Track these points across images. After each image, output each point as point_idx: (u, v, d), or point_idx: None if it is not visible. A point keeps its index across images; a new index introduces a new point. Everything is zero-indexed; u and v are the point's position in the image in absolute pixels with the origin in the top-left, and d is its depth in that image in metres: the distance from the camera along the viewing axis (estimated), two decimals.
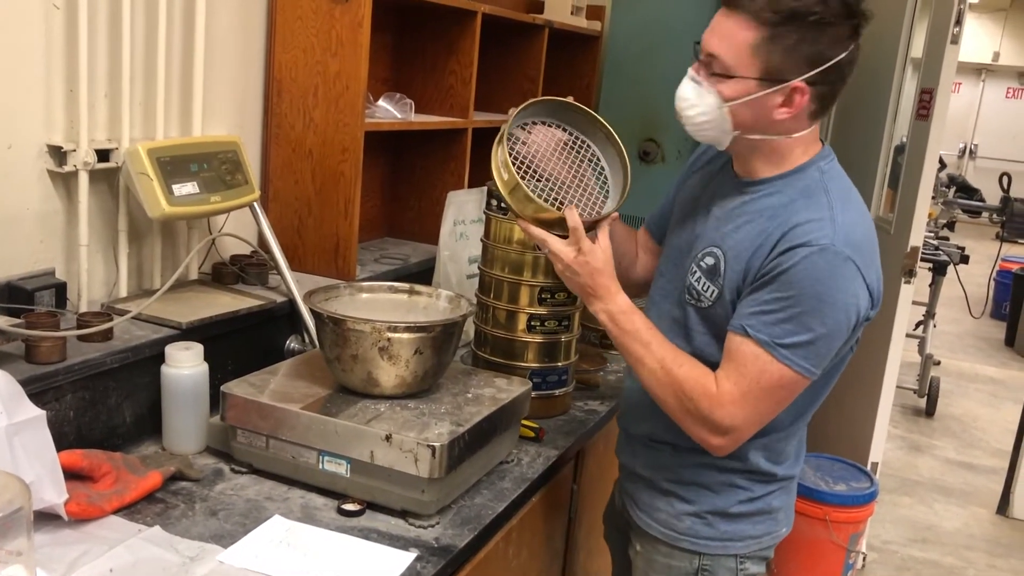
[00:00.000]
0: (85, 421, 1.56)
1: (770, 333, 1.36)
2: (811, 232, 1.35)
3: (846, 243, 1.35)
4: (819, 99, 1.40)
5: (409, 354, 1.56)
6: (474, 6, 2.49)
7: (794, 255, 1.35)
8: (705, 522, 1.58)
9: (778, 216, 1.40)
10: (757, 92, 1.38)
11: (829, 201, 1.40)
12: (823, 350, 1.37)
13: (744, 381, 1.39)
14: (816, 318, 1.34)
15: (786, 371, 1.37)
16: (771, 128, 1.42)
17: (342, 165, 2.13)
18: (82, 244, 1.72)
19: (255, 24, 2.12)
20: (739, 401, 1.39)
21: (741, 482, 1.56)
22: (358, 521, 1.48)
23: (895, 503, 4.13)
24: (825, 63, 1.35)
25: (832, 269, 1.34)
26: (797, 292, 1.34)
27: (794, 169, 1.45)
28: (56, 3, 1.64)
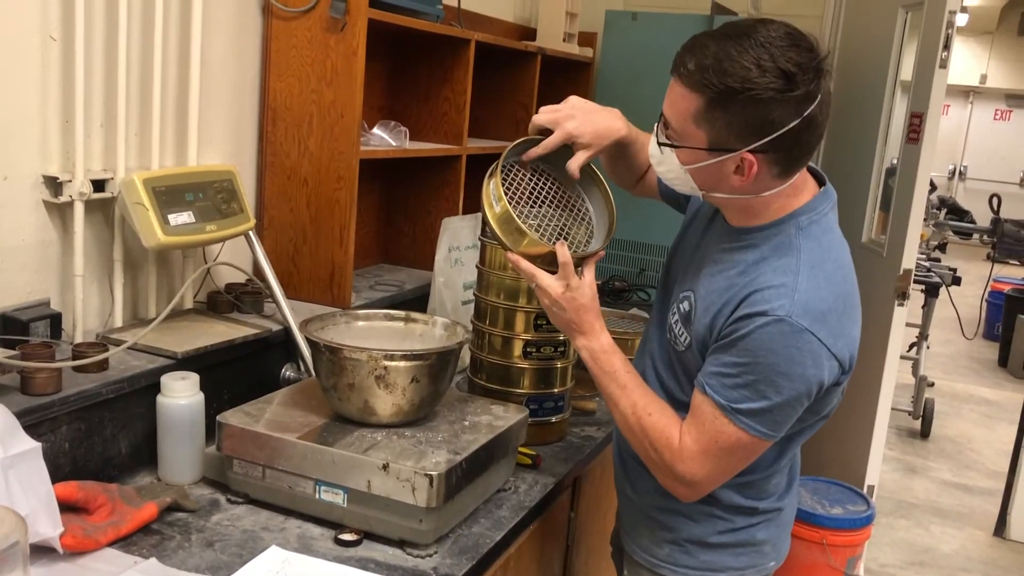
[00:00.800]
0: (81, 452, 1.55)
1: (727, 397, 1.35)
2: (769, 300, 1.31)
3: (804, 314, 1.30)
4: (777, 163, 1.34)
5: (406, 382, 1.56)
6: (468, 34, 2.51)
7: (751, 323, 1.32)
8: (684, 550, 1.57)
9: (747, 273, 1.38)
10: (707, 160, 1.35)
11: (797, 264, 1.35)
12: (780, 417, 1.35)
13: (703, 439, 1.39)
14: (771, 388, 1.32)
15: (743, 435, 1.36)
16: (736, 191, 1.38)
17: (337, 193, 2.14)
18: (77, 274, 1.72)
19: (250, 53, 2.13)
20: (699, 458, 1.40)
21: (720, 513, 1.54)
22: (355, 551, 1.47)
23: (892, 526, 4.13)
24: (773, 132, 1.29)
25: (786, 340, 1.30)
26: (751, 360, 1.33)
27: (771, 223, 1.40)
28: (53, 34, 1.65)
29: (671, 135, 1.38)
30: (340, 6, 2.04)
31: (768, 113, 1.27)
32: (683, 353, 1.48)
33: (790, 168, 1.36)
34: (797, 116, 1.28)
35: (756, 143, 1.30)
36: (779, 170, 1.35)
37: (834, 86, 3.97)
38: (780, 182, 1.37)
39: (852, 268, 1.45)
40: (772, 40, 1.27)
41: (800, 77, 1.26)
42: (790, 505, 1.64)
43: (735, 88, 1.26)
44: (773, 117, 1.28)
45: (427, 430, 1.61)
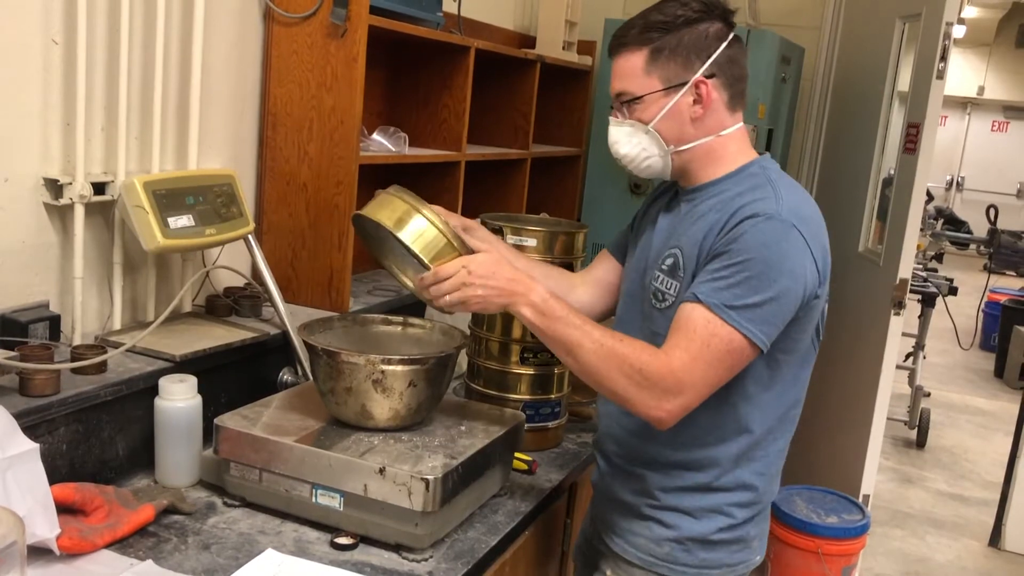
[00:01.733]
0: (78, 454, 1.56)
1: (720, 297, 1.39)
2: (757, 206, 1.42)
3: (792, 214, 1.42)
4: (726, 87, 1.51)
5: (403, 387, 1.57)
6: (467, 42, 2.52)
7: (742, 227, 1.41)
8: (684, 548, 1.57)
9: (726, 207, 1.46)
10: (668, 103, 1.49)
11: (774, 187, 1.47)
12: (772, 316, 1.40)
13: (694, 345, 1.39)
14: (764, 281, 1.38)
15: (735, 335, 1.39)
16: (698, 131, 1.51)
17: (336, 198, 2.14)
18: (77, 277, 1.72)
19: (251, 59, 2.14)
20: (689, 364, 1.39)
21: (724, 507, 1.56)
22: (351, 555, 1.47)
23: (887, 535, 4.13)
24: (712, 54, 1.48)
25: (778, 235, 1.39)
26: (745, 257, 1.39)
27: (736, 169, 1.52)
28: (55, 38, 1.66)
29: (628, 100, 1.51)
30: (341, 12, 2.05)
31: (703, 33, 1.48)
32: (668, 308, 1.50)
33: (735, 97, 1.53)
34: (724, 40, 1.49)
35: (703, 66, 1.48)
36: (728, 97, 1.52)
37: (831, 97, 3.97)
38: (730, 115, 1.53)
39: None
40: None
41: (717, 5, 1.50)
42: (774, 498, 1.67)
43: (668, 22, 1.47)
44: (708, 37, 1.48)
45: (424, 435, 1.61)
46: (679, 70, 1.48)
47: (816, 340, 1.55)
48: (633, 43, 1.50)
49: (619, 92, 1.53)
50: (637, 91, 1.50)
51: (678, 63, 1.48)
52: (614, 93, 1.54)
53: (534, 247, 1.89)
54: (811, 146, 3.94)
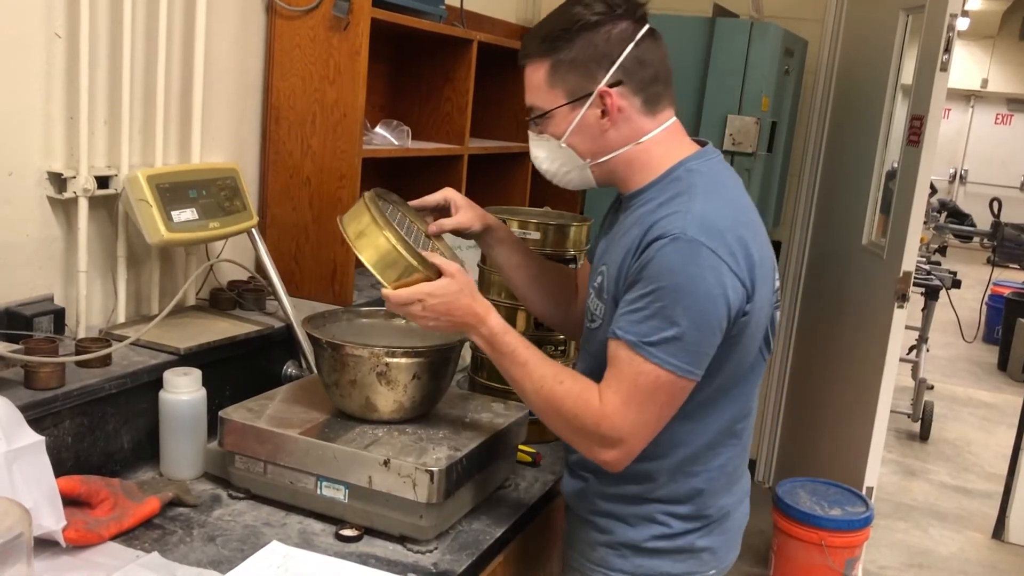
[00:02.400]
0: (83, 447, 1.56)
1: (637, 332, 1.32)
2: (665, 225, 1.32)
3: (699, 230, 1.30)
4: (637, 92, 1.40)
5: (407, 379, 1.57)
6: (470, 35, 2.52)
7: (650, 251, 1.32)
8: (619, 553, 1.51)
9: (643, 222, 1.37)
10: (575, 117, 1.41)
11: (691, 196, 1.36)
12: (693, 346, 1.31)
13: (623, 387, 1.33)
14: (678, 310, 1.29)
15: (660, 371, 1.31)
16: (612, 142, 1.43)
17: (340, 191, 2.15)
18: (81, 270, 1.73)
19: (253, 52, 2.14)
20: (622, 410, 1.34)
21: (659, 516, 1.49)
22: (356, 546, 1.48)
23: (890, 528, 4.13)
24: (615, 61, 1.38)
25: (684, 257, 1.30)
26: (656, 286, 1.30)
27: (662, 174, 1.43)
28: (58, 32, 1.66)
29: (538, 116, 1.45)
30: (343, 5, 2.05)
31: (603, 39, 1.38)
32: (597, 329, 1.45)
33: (652, 100, 1.42)
34: (632, 36, 1.39)
35: (606, 74, 1.38)
36: (641, 101, 1.41)
37: (835, 89, 3.98)
38: (649, 119, 1.43)
39: (748, 201, 1.45)
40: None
41: (619, 3, 1.39)
42: (738, 511, 1.57)
43: (567, 28, 1.38)
44: (610, 41, 1.38)
45: (428, 427, 1.62)
46: (581, 81, 1.39)
47: (764, 351, 1.46)
48: (534, 55, 1.42)
49: (529, 107, 1.47)
50: (544, 106, 1.43)
51: (579, 74, 1.39)
52: (527, 109, 1.47)
53: (537, 240, 1.89)
54: (814, 138, 3.94)
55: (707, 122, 3.27)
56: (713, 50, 3.24)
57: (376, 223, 1.47)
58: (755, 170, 3.25)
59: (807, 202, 3.98)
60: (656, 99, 1.43)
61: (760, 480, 4.19)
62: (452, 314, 1.45)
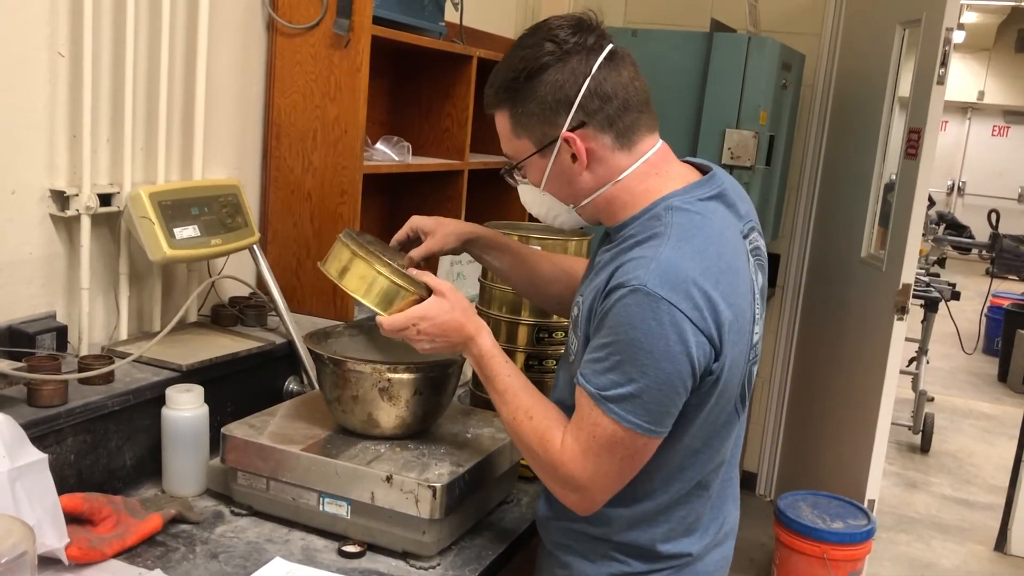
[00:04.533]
0: (86, 464, 1.56)
1: (597, 384, 1.25)
2: (628, 272, 1.24)
3: (662, 283, 1.21)
4: (605, 129, 1.32)
5: (409, 395, 1.57)
6: (469, 51, 2.53)
7: (611, 297, 1.24)
8: None
9: (615, 262, 1.30)
10: (546, 164, 1.35)
11: (664, 238, 1.26)
12: (653, 405, 1.23)
13: (582, 436, 1.28)
14: (636, 367, 1.22)
15: (617, 428, 1.24)
16: (589, 184, 1.36)
17: (341, 207, 2.15)
18: (83, 287, 1.73)
19: (254, 69, 2.15)
20: (579, 458, 1.29)
21: (616, 554, 1.42)
22: (359, 563, 1.48)
23: (892, 541, 4.13)
24: (572, 102, 1.29)
25: (643, 312, 1.21)
26: (614, 339, 1.23)
27: (642, 210, 1.34)
28: (61, 51, 1.67)
29: (515, 164, 1.40)
30: (344, 23, 2.06)
31: (557, 82, 1.29)
32: (572, 363, 1.39)
33: (624, 133, 1.33)
34: (584, 76, 1.29)
35: (567, 118, 1.30)
36: (611, 138, 1.32)
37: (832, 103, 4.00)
38: (625, 154, 1.34)
39: (732, 247, 1.32)
40: (537, 30, 1.33)
41: (566, 36, 1.30)
42: (714, 552, 1.48)
43: (516, 76, 1.30)
44: (563, 83, 1.29)
45: (430, 442, 1.62)
46: (544, 129, 1.32)
47: (739, 408, 1.39)
48: (493, 105, 1.37)
49: (505, 156, 1.42)
50: (515, 156, 1.38)
51: (539, 121, 1.32)
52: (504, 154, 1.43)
53: None
54: (812, 152, 3.95)
55: (705, 136, 3.29)
56: (711, 65, 3.26)
57: (357, 255, 1.47)
58: (754, 184, 3.26)
59: (806, 215, 4.00)
60: (630, 130, 1.33)
61: (761, 493, 4.18)
62: (447, 335, 1.42)
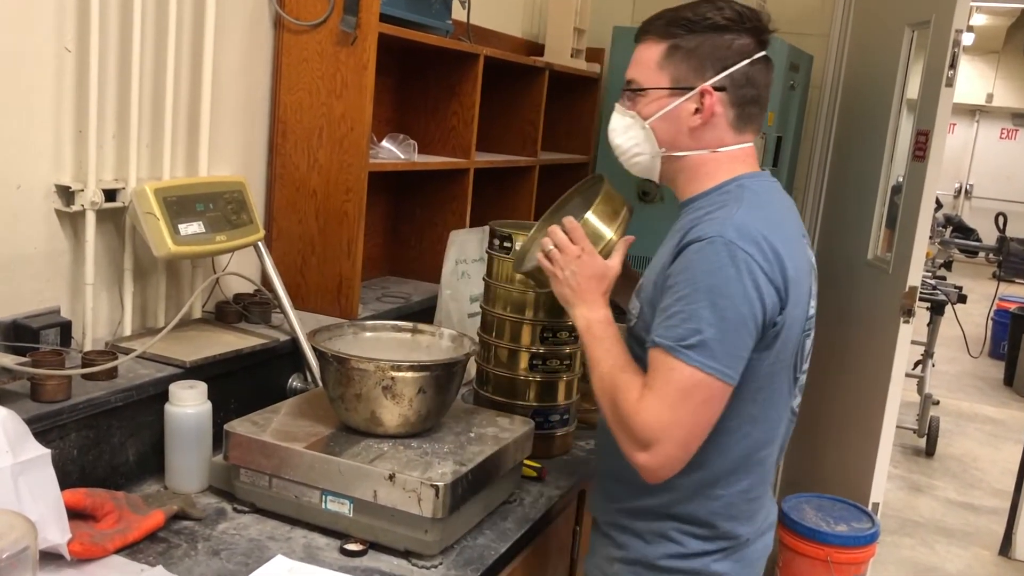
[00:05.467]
0: (89, 460, 1.56)
1: (672, 336, 1.32)
2: (702, 229, 1.35)
3: (737, 234, 1.32)
4: (734, 105, 1.43)
5: (412, 393, 1.57)
6: (476, 49, 2.53)
7: (686, 255, 1.34)
8: (632, 570, 1.50)
9: (686, 228, 1.40)
10: (669, 104, 1.44)
11: (736, 205, 1.38)
12: (727, 348, 1.31)
13: (658, 387, 1.33)
14: (713, 311, 1.30)
15: (696, 373, 1.31)
16: (692, 141, 1.45)
17: (346, 205, 2.15)
18: (88, 283, 1.73)
19: (261, 67, 2.15)
20: (656, 409, 1.33)
21: (674, 534, 1.47)
22: (361, 561, 1.47)
23: (896, 544, 4.11)
24: (729, 67, 1.41)
25: (719, 258, 1.31)
26: (691, 289, 1.32)
27: (716, 186, 1.45)
28: (68, 46, 1.67)
29: (634, 89, 1.47)
30: (351, 20, 2.06)
31: (725, 44, 1.41)
32: (632, 327, 1.49)
33: (743, 119, 1.45)
34: (747, 57, 1.42)
35: (714, 77, 1.42)
36: (733, 116, 1.44)
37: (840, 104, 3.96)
38: (732, 134, 1.45)
39: (795, 224, 1.47)
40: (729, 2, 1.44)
41: (751, 19, 1.42)
42: (759, 541, 1.53)
43: (694, 22, 1.41)
44: (729, 48, 1.41)
45: (433, 441, 1.61)
46: (689, 73, 1.42)
47: (793, 377, 1.48)
48: (655, 34, 1.45)
49: (629, 80, 1.49)
50: (644, 83, 1.46)
51: (691, 66, 1.42)
52: (626, 79, 1.50)
53: None
54: (820, 153, 3.94)
55: None
56: None
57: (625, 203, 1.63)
58: None
59: (812, 217, 3.98)
60: (747, 119, 1.46)
61: None
62: (579, 280, 1.51)
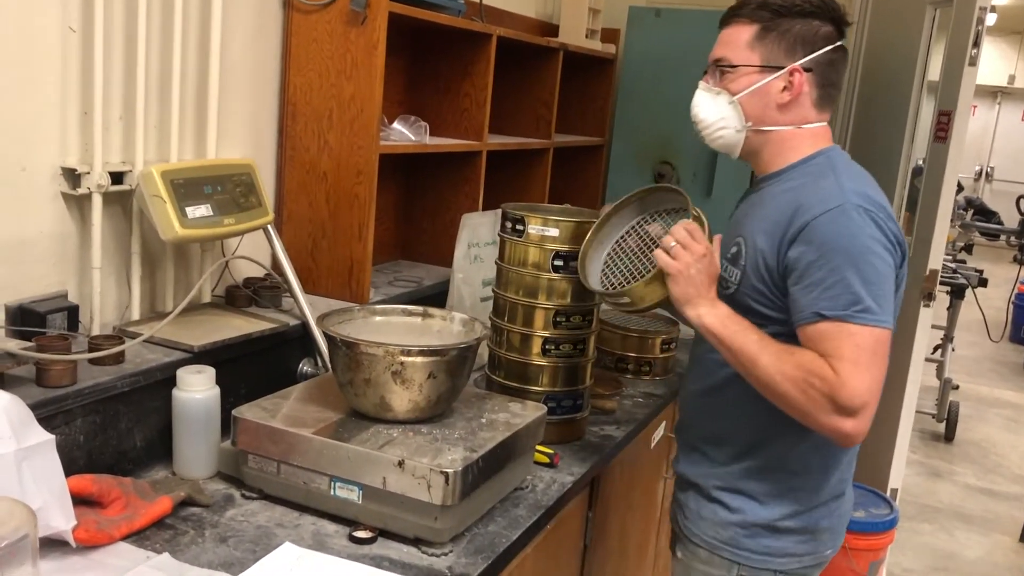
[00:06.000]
0: (95, 445, 1.55)
1: (841, 304, 1.39)
2: (822, 200, 1.44)
3: (860, 199, 1.44)
4: (818, 86, 1.55)
5: (422, 378, 1.54)
6: (489, 29, 2.49)
7: (814, 226, 1.43)
8: (748, 533, 1.60)
9: (788, 200, 1.50)
10: (760, 80, 1.54)
11: (836, 176, 1.49)
12: (885, 299, 1.41)
13: (847, 354, 1.39)
14: (867, 270, 1.39)
15: (875, 331, 1.39)
16: (779, 117, 1.55)
17: (356, 188, 2.12)
18: (95, 267, 1.71)
19: (270, 47, 2.12)
20: (858, 376, 1.39)
21: (790, 492, 1.58)
22: (370, 549, 1.45)
23: (915, 530, 4.07)
24: (815, 51, 1.53)
25: (850, 223, 1.41)
26: (840, 258, 1.40)
27: (801, 160, 1.56)
28: (72, 26, 1.64)
29: (724, 68, 1.56)
30: (361, 0, 2.02)
31: (813, 28, 1.53)
32: (734, 293, 1.55)
33: (823, 99, 1.57)
34: (831, 43, 1.54)
35: (803, 58, 1.53)
36: (816, 96, 1.55)
37: (860, 84, 3.90)
38: (815, 112, 1.56)
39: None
40: None
41: (833, 9, 1.55)
42: (849, 494, 1.67)
43: (784, 7, 1.52)
44: (817, 32, 1.53)
45: (444, 427, 1.59)
46: (780, 54, 1.53)
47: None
48: (746, 16, 1.55)
49: (718, 58, 1.58)
50: (734, 60, 1.55)
51: (782, 47, 1.53)
52: (712, 59, 1.59)
53: (556, 237, 1.86)
54: (839, 135, 3.88)
55: None
56: None
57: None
58: None
59: None
60: (826, 100, 1.57)
61: None
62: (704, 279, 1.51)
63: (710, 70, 1.60)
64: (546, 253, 1.86)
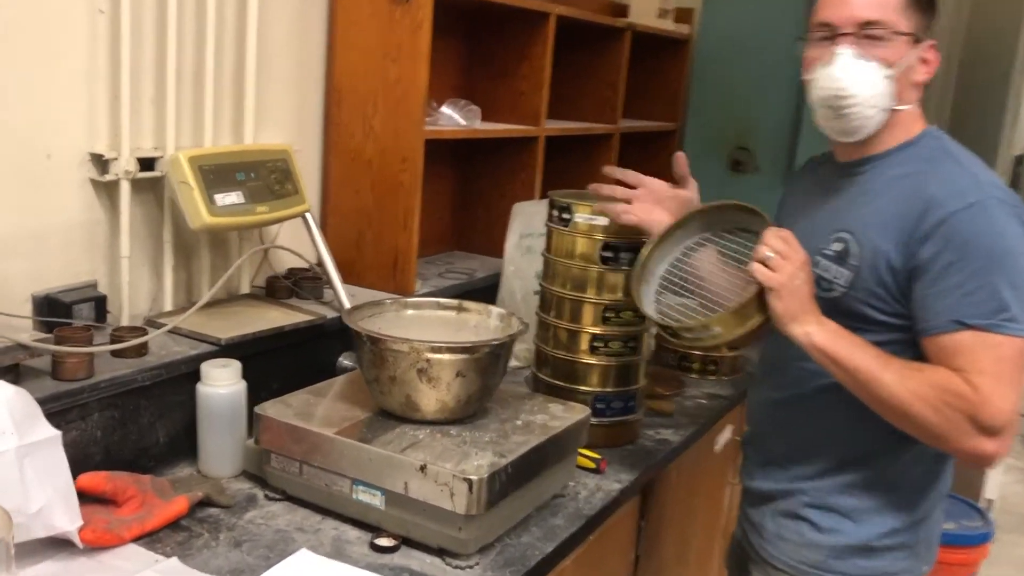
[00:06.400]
0: (114, 441, 1.49)
1: (985, 312, 1.27)
2: (958, 195, 1.30)
3: (999, 192, 1.31)
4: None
5: (450, 377, 1.44)
6: (547, 7, 2.36)
7: (951, 223, 1.28)
8: (839, 554, 1.47)
9: (908, 191, 1.35)
10: (908, 53, 1.37)
11: (960, 163, 1.36)
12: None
13: (989, 368, 1.27)
14: (1012, 275, 1.27)
15: (1017, 341, 1.27)
16: (912, 95, 1.41)
17: (401, 175, 2.03)
18: (123, 255, 1.66)
19: (314, 28, 2.04)
20: (1002, 392, 1.26)
21: (888, 509, 1.44)
22: (391, 558, 1.36)
23: (1015, 544, 3.80)
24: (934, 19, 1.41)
25: (998, 220, 1.29)
26: (985, 260, 1.27)
27: (906, 141, 1.41)
28: (101, 7, 1.59)
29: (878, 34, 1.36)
30: None
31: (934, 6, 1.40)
32: (842, 296, 1.39)
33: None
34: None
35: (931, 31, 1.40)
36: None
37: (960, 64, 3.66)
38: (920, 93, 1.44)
39: None
40: None
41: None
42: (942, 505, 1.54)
43: None
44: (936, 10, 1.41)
45: (475, 429, 1.48)
46: (923, 26, 1.39)
47: None
48: None
49: (867, 21, 1.35)
50: (892, 25, 1.35)
51: (925, 19, 1.39)
52: (858, 21, 1.36)
53: (606, 226, 1.73)
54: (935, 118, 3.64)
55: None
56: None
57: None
58: None
59: None
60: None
61: None
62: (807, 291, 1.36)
63: (854, 34, 1.36)
64: (594, 244, 1.74)
